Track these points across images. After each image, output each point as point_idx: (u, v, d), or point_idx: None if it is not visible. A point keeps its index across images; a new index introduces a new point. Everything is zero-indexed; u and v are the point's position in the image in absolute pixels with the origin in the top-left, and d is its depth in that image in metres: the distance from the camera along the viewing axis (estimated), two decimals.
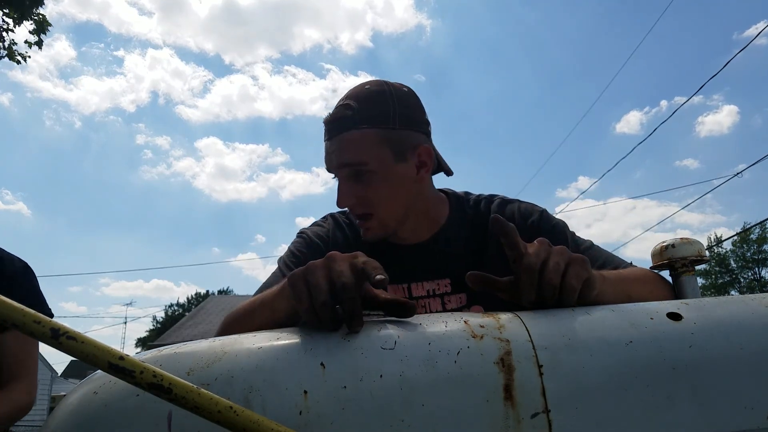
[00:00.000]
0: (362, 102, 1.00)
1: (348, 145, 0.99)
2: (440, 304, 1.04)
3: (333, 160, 1.02)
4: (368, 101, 1.01)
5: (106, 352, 0.44)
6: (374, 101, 1.01)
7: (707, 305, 0.64)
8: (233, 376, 0.53)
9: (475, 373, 0.55)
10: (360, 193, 1.01)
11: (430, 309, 1.04)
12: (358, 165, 0.99)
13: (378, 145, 0.99)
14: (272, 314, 0.78)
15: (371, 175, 1.00)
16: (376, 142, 0.99)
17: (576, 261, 0.70)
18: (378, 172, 1.00)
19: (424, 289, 1.05)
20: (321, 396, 0.52)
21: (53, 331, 0.43)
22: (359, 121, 0.99)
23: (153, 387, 0.44)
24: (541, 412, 0.53)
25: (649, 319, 0.61)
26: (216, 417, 0.44)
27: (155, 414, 0.51)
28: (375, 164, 0.99)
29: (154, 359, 0.57)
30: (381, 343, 0.57)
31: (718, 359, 0.58)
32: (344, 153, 1.00)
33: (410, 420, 0.52)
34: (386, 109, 1.01)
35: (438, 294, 1.04)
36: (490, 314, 0.63)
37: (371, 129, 0.99)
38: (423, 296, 1.05)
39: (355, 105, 1.00)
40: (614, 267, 0.99)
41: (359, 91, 1.03)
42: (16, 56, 7.47)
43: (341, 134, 1.00)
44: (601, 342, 0.58)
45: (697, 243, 0.84)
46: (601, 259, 1.02)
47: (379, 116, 1.00)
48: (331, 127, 1.01)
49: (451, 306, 1.03)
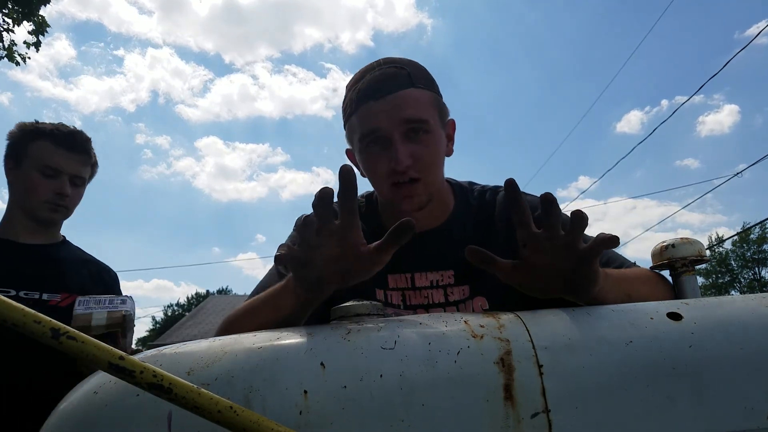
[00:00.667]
0: (411, 66, 1.01)
1: (409, 102, 0.96)
2: (443, 296, 1.02)
3: (390, 118, 0.95)
4: (415, 66, 1.01)
5: (106, 352, 0.44)
6: (420, 68, 1.02)
7: (707, 305, 0.64)
8: (233, 376, 0.53)
9: (475, 373, 0.55)
10: (417, 152, 0.96)
11: (432, 300, 1.03)
12: (419, 122, 0.96)
13: (433, 107, 1.00)
14: (276, 312, 0.77)
15: (427, 135, 0.97)
16: (432, 104, 1.00)
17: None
18: (433, 133, 0.98)
19: (428, 280, 1.04)
20: (321, 396, 0.52)
21: (53, 331, 0.43)
22: (415, 80, 0.98)
23: (153, 387, 0.44)
24: (541, 412, 0.53)
25: (649, 319, 0.61)
26: (216, 417, 0.44)
27: (155, 414, 0.51)
28: (432, 124, 0.98)
29: (154, 359, 0.57)
30: (381, 343, 0.57)
31: (718, 359, 0.58)
32: (406, 109, 0.95)
33: (410, 420, 0.52)
34: (430, 76, 1.03)
35: (441, 285, 1.03)
36: (491, 314, 0.63)
37: (427, 90, 0.99)
38: (426, 287, 1.04)
39: (405, 68, 0.99)
40: (618, 265, 0.99)
41: (398, 59, 1.03)
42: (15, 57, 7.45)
43: (397, 92, 0.96)
44: (601, 342, 0.58)
45: (697, 243, 0.84)
46: (605, 256, 1.01)
47: (429, 81, 1.02)
48: (383, 86, 0.96)
49: (453, 298, 1.02)
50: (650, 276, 0.91)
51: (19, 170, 1.49)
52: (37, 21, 7.36)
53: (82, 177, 1.55)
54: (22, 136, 1.52)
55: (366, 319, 0.64)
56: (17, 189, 1.50)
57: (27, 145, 1.49)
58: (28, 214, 1.50)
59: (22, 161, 1.49)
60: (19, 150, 1.50)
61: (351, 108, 1.00)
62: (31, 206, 1.48)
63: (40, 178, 1.46)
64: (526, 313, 0.63)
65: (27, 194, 1.48)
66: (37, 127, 1.52)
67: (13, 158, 1.51)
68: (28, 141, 1.50)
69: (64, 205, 1.50)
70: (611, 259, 1.01)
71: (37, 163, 1.47)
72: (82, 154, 1.53)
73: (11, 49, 7.42)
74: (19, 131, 1.53)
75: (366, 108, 0.97)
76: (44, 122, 1.54)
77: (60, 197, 1.48)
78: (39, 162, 1.46)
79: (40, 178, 1.46)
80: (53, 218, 1.52)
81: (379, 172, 0.98)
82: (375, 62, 1.03)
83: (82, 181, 1.55)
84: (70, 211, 1.55)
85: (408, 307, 1.03)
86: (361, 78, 1.00)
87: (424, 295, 1.03)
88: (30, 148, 1.49)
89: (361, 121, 0.98)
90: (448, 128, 1.05)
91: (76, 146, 1.51)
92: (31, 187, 1.46)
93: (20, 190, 1.49)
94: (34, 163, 1.47)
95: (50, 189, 1.46)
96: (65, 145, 1.49)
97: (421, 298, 1.03)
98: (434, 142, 0.98)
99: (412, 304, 1.03)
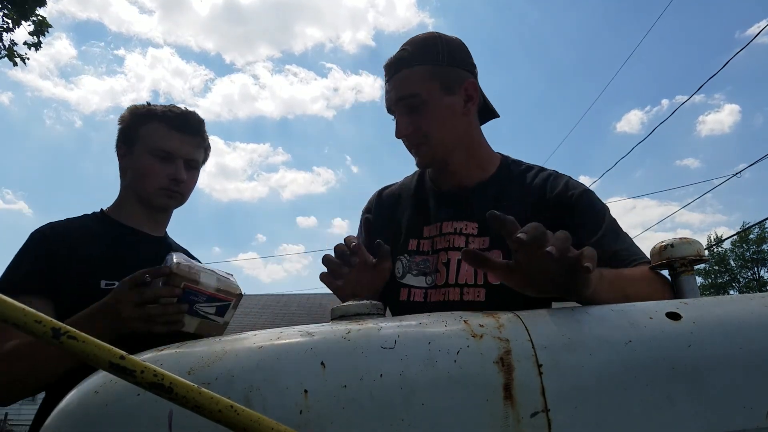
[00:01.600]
0: (414, 45, 1.17)
1: (402, 81, 1.15)
2: (464, 242, 1.14)
3: (391, 98, 1.16)
4: (419, 44, 1.17)
5: (106, 352, 0.44)
6: (424, 44, 1.17)
7: (706, 305, 0.64)
8: (234, 376, 0.53)
9: (475, 373, 0.55)
10: (415, 122, 1.15)
11: (453, 244, 1.15)
12: (411, 97, 1.14)
13: (428, 79, 1.14)
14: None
15: (424, 105, 1.14)
16: (427, 77, 1.14)
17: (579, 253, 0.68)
18: (429, 102, 1.14)
19: (453, 227, 1.17)
20: (321, 395, 0.53)
21: (54, 331, 0.43)
22: (412, 60, 1.15)
23: (154, 386, 0.44)
24: (541, 412, 0.54)
25: (649, 318, 0.61)
26: (216, 416, 0.44)
27: (156, 413, 0.51)
28: (425, 95, 1.13)
29: (154, 359, 0.57)
30: (381, 343, 0.57)
31: (718, 359, 0.58)
32: (399, 89, 1.15)
33: (410, 419, 0.52)
34: (434, 49, 1.16)
35: (464, 233, 1.15)
36: (490, 314, 0.63)
37: (421, 66, 1.14)
38: (450, 233, 1.17)
39: (409, 48, 1.16)
40: (624, 260, 1.01)
41: (413, 38, 1.20)
42: (15, 57, 7.43)
43: (395, 75, 1.16)
44: (600, 341, 0.58)
45: (696, 243, 0.84)
46: (611, 250, 1.03)
47: (428, 55, 1.15)
48: (389, 69, 1.17)
49: (473, 246, 1.13)
50: (650, 276, 0.92)
51: (132, 155, 1.41)
52: (37, 21, 7.35)
53: (196, 160, 1.45)
54: (133, 119, 1.44)
55: (366, 318, 0.64)
56: (131, 175, 1.42)
57: (138, 128, 1.41)
58: (143, 202, 1.41)
59: (134, 145, 1.41)
60: (130, 134, 1.42)
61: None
62: (146, 193, 1.39)
63: (154, 162, 1.38)
64: (526, 312, 0.64)
65: (141, 180, 1.39)
66: (148, 109, 1.44)
67: (126, 143, 1.43)
68: (139, 124, 1.41)
69: (180, 191, 1.41)
70: (618, 254, 1.03)
71: (149, 146, 1.38)
72: (196, 136, 1.44)
73: (11, 49, 7.41)
74: (129, 115, 1.45)
75: (385, 88, 1.20)
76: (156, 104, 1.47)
77: (175, 182, 1.39)
78: (151, 145, 1.38)
79: (154, 162, 1.37)
80: (168, 205, 1.43)
81: (399, 138, 1.20)
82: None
83: (197, 165, 1.46)
84: (185, 198, 1.46)
85: (435, 252, 1.17)
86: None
87: (447, 240, 1.16)
88: (141, 131, 1.40)
89: (384, 98, 1.21)
90: (464, 90, 1.17)
91: (189, 128, 1.42)
92: (144, 172, 1.38)
93: (134, 176, 1.41)
94: (147, 147, 1.38)
95: (164, 173, 1.38)
96: (178, 127, 1.41)
97: (444, 242, 1.16)
98: (431, 110, 1.14)
99: (438, 249, 1.16)
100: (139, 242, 1.40)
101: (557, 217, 1.07)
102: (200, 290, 1.11)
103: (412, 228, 1.23)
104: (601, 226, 1.07)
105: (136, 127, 1.42)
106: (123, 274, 1.19)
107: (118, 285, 1.12)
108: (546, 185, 1.16)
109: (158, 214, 1.46)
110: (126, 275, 1.18)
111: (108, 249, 1.33)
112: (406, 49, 1.16)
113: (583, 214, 1.09)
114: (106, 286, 1.26)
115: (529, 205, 1.14)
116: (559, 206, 1.11)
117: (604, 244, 1.02)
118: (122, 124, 1.45)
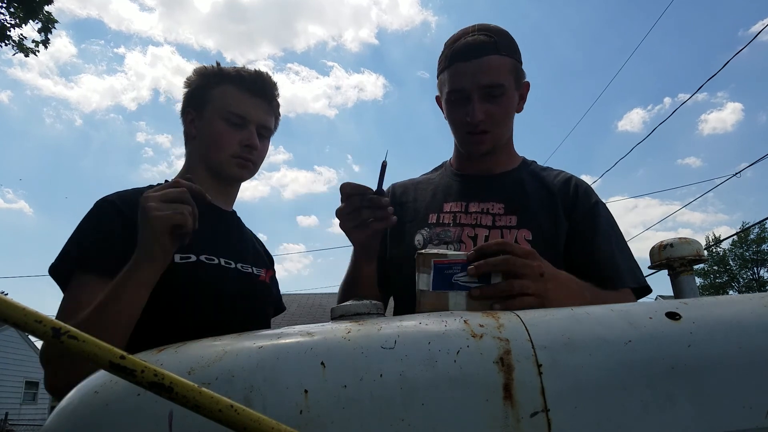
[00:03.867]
0: (497, 34, 1.18)
1: (491, 67, 1.14)
2: (491, 221, 1.18)
3: (472, 80, 1.15)
4: (502, 34, 1.19)
5: (107, 351, 0.44)
6: (506, 36, 1.19)
7: (706, 305, 0.64)
8: (234, 375, 0.54)
9: (475, 373, 0.55)
10: (490, 111, 1.17)
11: (480, 222, 1.19)
12: (498, 87, 1.15)
13: (511, 72, 1.17)
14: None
15: (502, 97, 1.16)
16: (511, 69, 1.17)
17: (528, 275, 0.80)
18: (507, 95, 1.17)
19: (479, 207, 1.21)
20: (321, 395, 0.53)
21: (54, 331, 0.43)
22: (500, 48, 1.16)
23: (154, 386, 0.44)
24: (541, 411, 0.54)
25: (648, 318, 0.61)
26: (217, 416, 0.44)
27: (156, 413, 0.51)
28: (508, 87, 1.17)
29: (155, 358, 0.57)
30: (381, 343, 0.57)
31: (717, 359, 0.58)
32: (487, 74, 1.14)
33: (410, 419, 0.52)
34: (514, 44, 1.20)
35: (491, 213, 1.20)
36: (490, 314, 0.63)
37: (508, 57, 1.17)
38: (476, 212, 1.20)
39: (493, 36, 1.17)
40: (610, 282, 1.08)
41: (488, 26, 1.20)
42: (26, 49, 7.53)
43: (482, 58, 1.14)
44: (600, 341, 0.58)
45: (695, 243, 0.85)
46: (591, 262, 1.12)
47: (511, 48, 1.19)
48: (472, 50, 1.15)
49: (500, 223, 1.17)
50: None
51: (201, 120, 1.29)
52: (44, 17, 7.39)
53: (269, 127, 1.34)
54: (202, 80, 1.31)
55: (366, 318, 0.64)
56: (200, 142, 1.29)
57: (209, 91, 1.29)
58: (213, 172, 1.29)
59: (204, 109, 1.29)
60: (200, 97, 1.30)
61: (444, 64, 1.20)
62: (217, 161, 1.27)
63: (225, 127, 1.26)
64: (526, 312, 0.64)
65: (211, 147, 1.27)
66: (220, 70, 1.31)
67: (194, 106, 1.31)
68: (209, 86, 1.29)
69: (252, 160, 1.29)
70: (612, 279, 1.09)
71: (220, 110, 1.26)
72: (271, 101, 1.33)
73: (21, 43, 7.47)
74: (198, 76, 1.33)
75: (455, 68, 1.17)
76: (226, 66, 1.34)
77: (248, 150, 1.27)
78: (223, 109, 1.26)
79: (225, 127, 1.26)
80: (241, 175, 1.30)
81: (458, 121, 1.21)
82: (471, 27, 1.21)
83: (269, 133, 1.35)
84: (257, 168, 1.33)
85: (456, 225, 1.20)
86: (457, 39, 1.19)
87: (474, 218, 1.20)
88: (212, 94, 1.28)
89: (451, 79, 1.18)
90: (523, 89, 1.24)
91: (263, 91, 1.31)
92: (215, 138, 1.26)
93: (203, 142, 1.28)
94: (218, 111, 1.27)
95: (237, 140, 1.26)
96: (252, 90, 1.29)
97: (470, 218, 1.20)
98: (506, 103, 1.18)
99: (461, 223, 1.20)
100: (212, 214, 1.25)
101: (572, 217, 1.16)
102: (454, 261, 0.88)
103: (432, 204, 1.27)
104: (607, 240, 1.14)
105: (207, 89, 1.30)
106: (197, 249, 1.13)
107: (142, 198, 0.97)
108: (569, 187, 1.22)
109: (228, 186, 1.34)
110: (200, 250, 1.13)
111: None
112: (488, 34, 1.16)
113: (595, 227, 1.16)
114: (181, 259, 1.15)
115: (550, 194, 1.20)
116: (575, 210, 1.18)
117: (598, 259, 1.11)
118: (189, 86, 1.34)
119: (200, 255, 1.18)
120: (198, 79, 1.32)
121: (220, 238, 1.26)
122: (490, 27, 1.20)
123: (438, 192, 1.29)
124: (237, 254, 1.27)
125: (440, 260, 0.87)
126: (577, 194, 1.20)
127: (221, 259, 1.22)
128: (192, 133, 1.31)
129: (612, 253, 1.12)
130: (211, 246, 1.22)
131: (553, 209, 1.17)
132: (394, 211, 1.29)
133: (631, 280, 1.12)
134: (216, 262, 1.21)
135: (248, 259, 1.31)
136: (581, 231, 1.15)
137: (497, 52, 1.15)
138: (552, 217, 1.16)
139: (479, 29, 1.18)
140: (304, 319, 13.87)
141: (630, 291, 1.12)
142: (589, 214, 1.17)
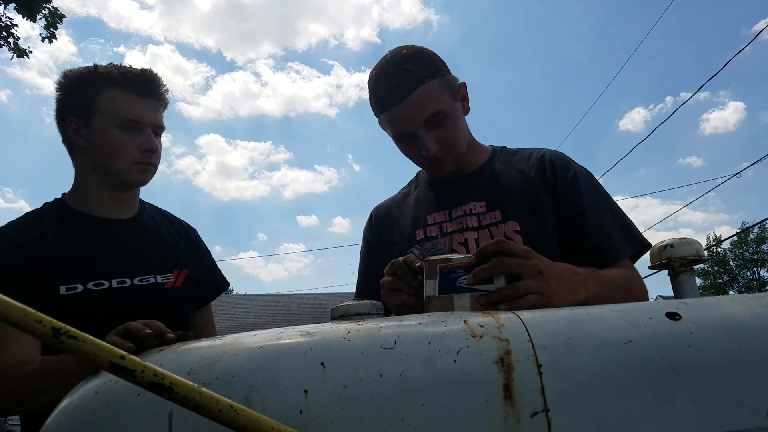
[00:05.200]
0: (413, 62, 1.13)
1: (422, 101, 1.11)
2: (476, 221, 1.17)
3: (411, 120, 1.13)
4: (417, 59, 1.14)
5: (107, 352, 0.44)
6: (421, 58, 1.15)
7: (706, 305, 0.64)
8: (234, 376, 0.54)
9: (475, 373, 0.55)
10: (440, 137, 1.15)
11: (466, 225, 1.17)
12: (436, 114, 1.13)
13: (443, 92, 1.14)
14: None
15: (445, 119, 1.14)
16: (441, 90, 1.14)
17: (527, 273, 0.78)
18: (449, 114, 1.15)
19: (462, 210, 1.20)
20: (321, 395, 0.53)
21: (54, 331, 0.43)
22: (421, 77, 1.12)
23: (154, 386, 0.44)
24: (541, 411, 0.54)
25: (648, 318, 0.61)
26: (217, 416, 0.44)
27: (156, 413, 0.51)
28: (446, 109, 1.14)
29: (155, 358, 0.57)
30: (381, 343, 0.57)
31: (717, 359, 0.58)
32: (422, 109, 1.12)
33: (410, 419, 0.52)
34: (431, 60, 1.16)
35: (474, 213, 1.18)
36: (490, 314, 0.63)
37: (433, 80, 1.13)
38: (461, 215, 1.19)
39: (409, 66, 1.12)
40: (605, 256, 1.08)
41: (402, 56, 1.15)
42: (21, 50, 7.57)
43: (410, 96, 1.11)
44: (600, 341, 0.58)
45: (695, 243, 0.85)
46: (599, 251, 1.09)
47: (432, 67, 1.14)
48: (396, 93, 1.12)
49: (486, 221, 1.16)
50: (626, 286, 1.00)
51: (90, 129, 1.20)
52: (49, 12, 7.41)
53: (162, 126, 1.28)
54: (81, 86, 1.22)
55: (366, 318, 0.64)
56: (94, 153, 1.21)
57: (94, 97, 1.20)
58: (113, 181, 1.23)
59: (92, 117, 1.20)
60: (83, 104, 1.21)
61: (377, 109, 1.19)
62: (117, 169, 1.21)
63: (121, 134, 1.19)
64: (526, 312, 0.64)
65: (109, 157, 1.20)
66: (99, 72, 1.22)
67: (77, 115, 1.21)
68: (93, 92, 1.20)
69: (153, 163, 1.25)
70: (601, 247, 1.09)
71: (112, 117, 1.19)
72: (160, 99, 1.26)
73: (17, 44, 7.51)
74: (75, 81, 1.23)
75: (390, 114, 1.15)
76: (101, 65, 1.25)
77: (148, 154, 1.22)
78: (115, 115, 1.19)
79: (121, 135, 1.19)
80: (144, 180, 1.26)
81: (415, 156, 1.21)
82: (384, 59, 1.16)
83: (162, 131, 1.28)
84: (157, 168, 1.28)
85: (444, 235, 1.19)
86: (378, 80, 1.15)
87: (459, 222, 1.18)
88: (98, 101, 1.20)
89: (390, 124, 1.17)
90: (460, 94, 1.20)
91: (152, 90, 1.24)
92: (112, 147, 1.19)
93: (99, 153, 1.21)
94: (110, 118, 1.19)
95: (135, 145, 1.20)
96: (140, 91, 1.22)
97: (456, 224, 1.19)
98: (451, 123, 1.16)
99: (448, 231, 1.19)
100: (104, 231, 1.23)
101: (555, 195, 1.15)
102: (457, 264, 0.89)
103: (416, 220, 1.26)
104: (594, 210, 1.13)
105: (90, 95, 1.21)
106: (84, 276, 1.11)
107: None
108: (544, 165, 1.20)
109: (126, 193, 1.28)
110: (88, 276, 1.11)
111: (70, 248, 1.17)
112: (405, 68, 1.12)
113: (580, 200, 1.14)
114: (67, 291, 1.11)
115: (527, 179, 1.19)
116: (556, 186, 1.17)
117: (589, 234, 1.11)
118: (64, 92, 1.24)
119: (87, 282, 1.14)
120: (75, 85, 1.23)
121: (112, 256, 1.21)
122: (402, 56, 1.14)
123: (419, 206, 1.28)
124: (134, 267, 1.22)
125: (445, 265, 0.89)
126: (555, 170, 1.18)
127: (113, 281, 1.18)
128: (80, 143, 1.23)
129: (602, 226, 1.11)
130: (102, 268, 1.18)
131: (535, 193, 1.15)
132: (382, 235, 1.31)
133: (627, 248, 1.11)
134: (106, 287, 1.16)
135: (151, 268, 1.25)
136: (568, 209, 1.13)
137: (421, 83, 1.11)
138: (535, 201, 1.15)
139: (394, 62, 1.13)
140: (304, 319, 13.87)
141: (629, 260, 1.12)
142: (570, 189, 1.15)
